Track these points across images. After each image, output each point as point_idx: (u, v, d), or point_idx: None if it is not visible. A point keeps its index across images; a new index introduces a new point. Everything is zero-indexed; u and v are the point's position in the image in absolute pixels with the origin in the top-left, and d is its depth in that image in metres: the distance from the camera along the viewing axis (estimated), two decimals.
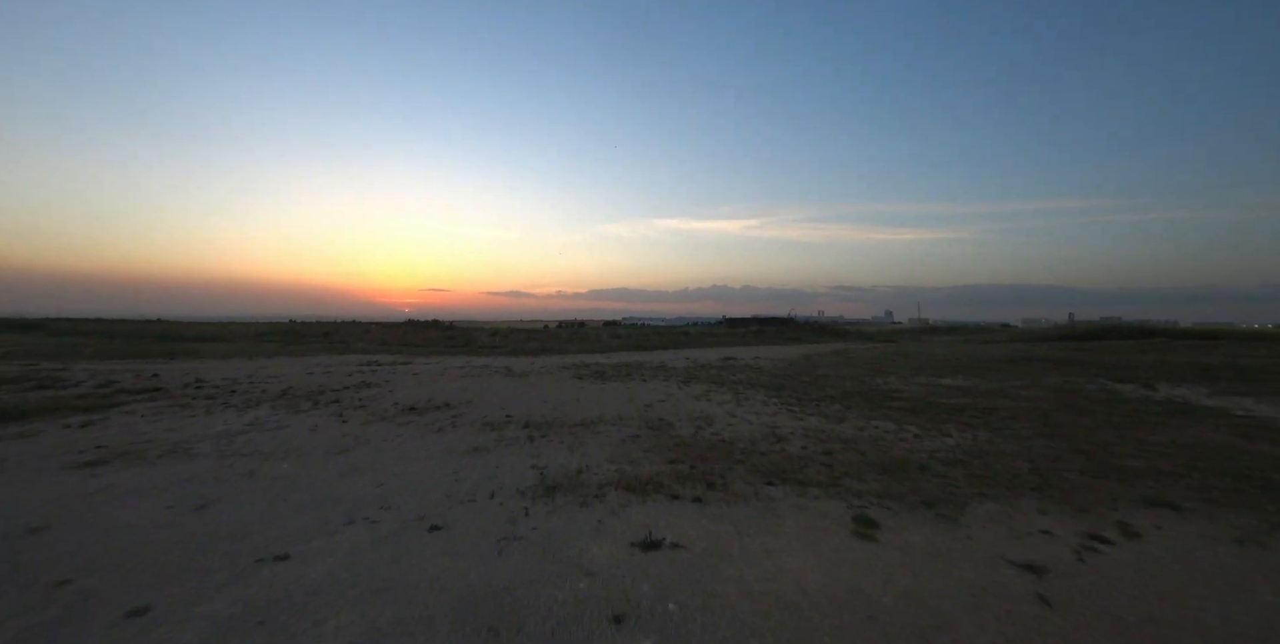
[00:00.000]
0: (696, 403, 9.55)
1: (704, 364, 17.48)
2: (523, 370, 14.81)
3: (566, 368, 15.72)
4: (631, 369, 15.56)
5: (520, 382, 12.31)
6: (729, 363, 18.15)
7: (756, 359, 20.01)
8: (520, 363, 17.56)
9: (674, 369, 15.73)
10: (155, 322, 44.88)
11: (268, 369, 14.39)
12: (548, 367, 16.25)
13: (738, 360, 19.35)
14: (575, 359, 19.50)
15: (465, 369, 15.08)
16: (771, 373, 14.83)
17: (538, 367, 16.21)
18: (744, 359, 19.94)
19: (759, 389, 11.45)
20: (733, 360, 19.31)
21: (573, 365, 16.64)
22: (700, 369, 15.79)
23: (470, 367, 15.60)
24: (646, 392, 10.99)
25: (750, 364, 17.70)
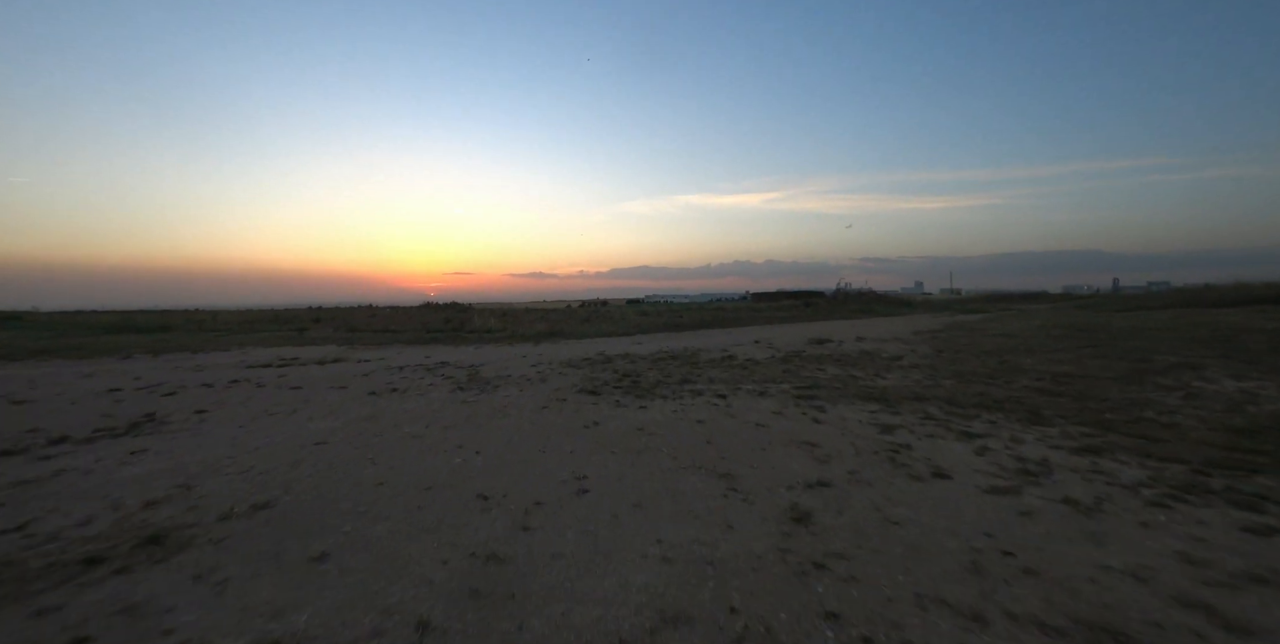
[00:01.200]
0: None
1: (791, 352, 11.09)
2: (496, 374, 8.65)
3: (575, 365, 9.53)
4: (681, 364, 9.29)
5: (464, 414, 6.08)
6: (832, 349, 11.70)
7: (861, 341, 13.49)
8: (505, 357, 11.45)
9: (752, 362, 9.39)
10: (126, 313, 40.45)
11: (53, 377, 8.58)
12: (548, 362, 10.09)
13: (834, 342, 12.91)
14: (592, 348, 13.29)
15: (394, 374, 9.01)
16: (950, 371, 8.37)
17: (531, 363, 10.06)
18: (842, 341, 13.46)
19: (1025, 423, 5.08)
20: (827, 342, 12.87)
21: (585, 359, 10.44)
22: (798, 362, 9.43)
23: (413, 369, 9.54)
24: (748, 438, 4.75)
25: (868, 350, 11.24)
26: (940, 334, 14.66)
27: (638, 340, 15.04)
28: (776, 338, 14.74)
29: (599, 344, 14.04)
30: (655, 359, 10.01)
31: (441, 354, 12.04)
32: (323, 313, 37.05)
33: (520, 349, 13.01)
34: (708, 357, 10.46)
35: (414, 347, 14.61)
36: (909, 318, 26.11)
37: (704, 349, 11.93)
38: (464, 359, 10.80)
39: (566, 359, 10.40)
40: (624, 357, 10.67)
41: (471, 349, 13.33)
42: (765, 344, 12.99)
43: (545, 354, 11.58)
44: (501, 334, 18.45)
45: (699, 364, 9.30)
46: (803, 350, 11.18)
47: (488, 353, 12.16)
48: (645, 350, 11.95)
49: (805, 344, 12.71)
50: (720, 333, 17.53)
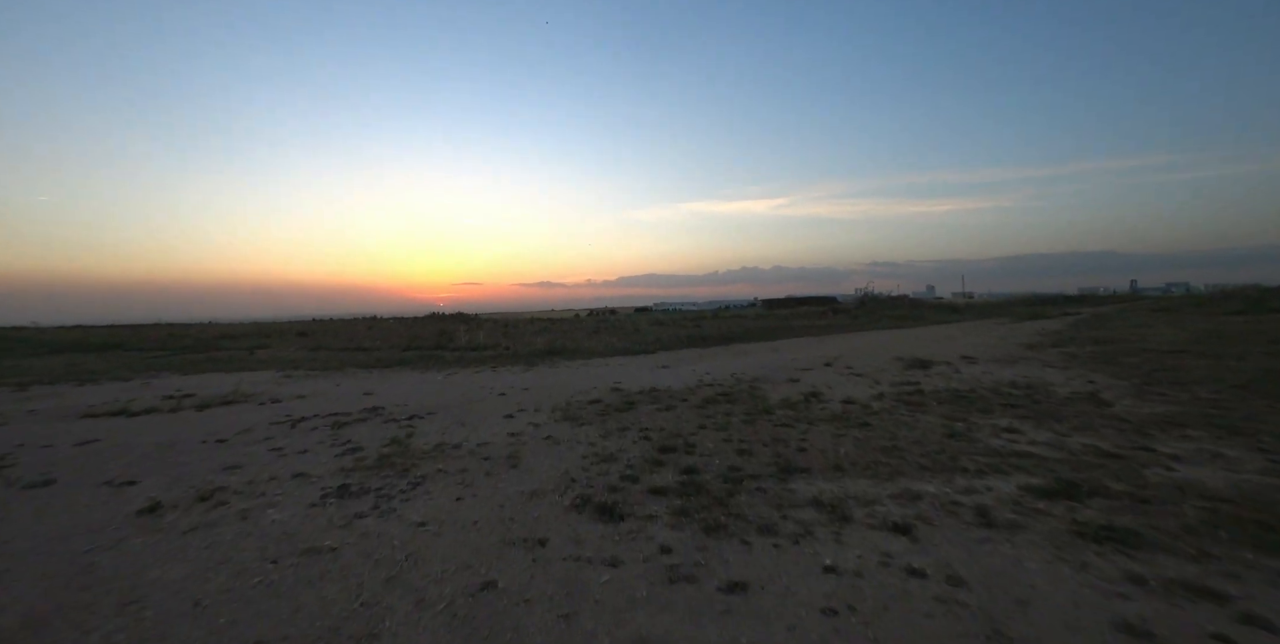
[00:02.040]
0: None
1: (903, 386, 7.50)
2: (437, 444, 5.04)
3: (575, 417, 5.96)
4: (749, 414, 5.67)
5: (283, 614, 2.48)
6: (959, 380, 8.11)
7: (973, 362, 9.82)
8: (476, 396, 7.93)
9: (864, 411, 5.79)
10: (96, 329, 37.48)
11: None
12: (535, 408, 6.52)
13: (943, 365, 9.25)
14: (602, 375, 9.75)
15: (269, 439, 5.49)
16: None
17: (507, 411, 6.48)
18: (949, 362, 9.80)
19: None
20: (932, 365, 9.21)
21: (593, 403, 6.85)
22: (939, 407, 5.81)
23: (315, 423, 6.04)
24: None
25: (1021, 381, 7.61)
26: (1078, 348, 10.91)
27: (661, 362, 11.46)
28: (847, 357, 11.09)
29: (611, 368, 10.48)
30: (702, 403, 6.40)
31: (392, 387, 8.53)
32: (316, 326, 33.94)
33: (505, 378, 9.48)
34: (779, 395, 6.86)
35: (374, 372, 11.15)
36: (971, 326, 22.30)
37: (763, 379, 8.33)
38: (412, 401, 7.27)
39: (565, 401, 6.83)
40: (649, 395, 7.09)
41: (440, 379, 9.82)
42: (843, 368, 9.36)
43: (536, 389, 8.02)
44: (490, 352, 14.95)
45: (777, 414, 5.70)
46: (917, 384, 7.53)
47: (458, 386, 8.63)
48: (678, 380, 8.38)
49: (901, 368, 9.06)
50: (762, 350, 13.90)
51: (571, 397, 7.18)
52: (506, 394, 7.61)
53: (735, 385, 7.74)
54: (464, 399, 7.29)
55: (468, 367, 11.94)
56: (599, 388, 7.88)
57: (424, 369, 11.57)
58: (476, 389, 8.21)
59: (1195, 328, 14.26)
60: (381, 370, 11.47)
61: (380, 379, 9.91)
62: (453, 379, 9.67)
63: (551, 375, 9.70)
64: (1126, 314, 24.87)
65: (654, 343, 16.10)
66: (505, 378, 9.58)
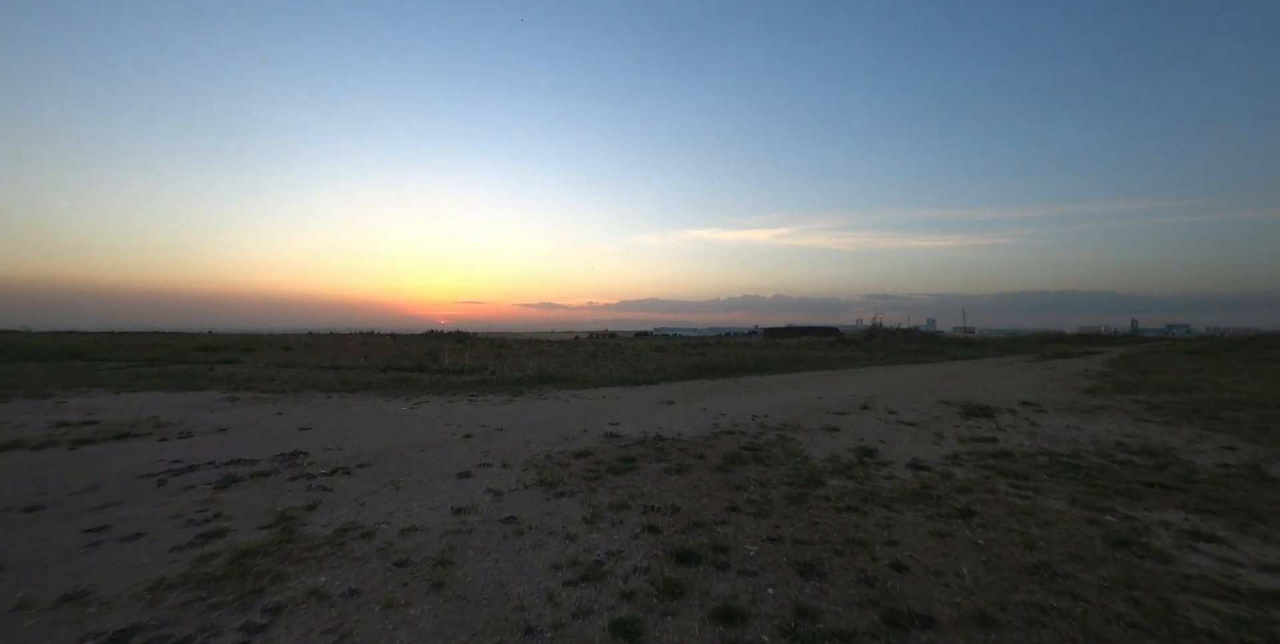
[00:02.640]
0: None
1: (976, 444, 5.94)
2: (346, 524, 3.50)
3: (550, 481, 4.39)
4: (793, 483, 4.10)
5: None
6: (1043, 440, 6.54)
7: (1039, 410, 8.26)
8: (439, 437, 6.38)
9: (952, 490, 4.19)
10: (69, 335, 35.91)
11: None
12: (503, 462, 4.95)
13: (1005, 414, 7.68)
14: (597, 413, 8.20)
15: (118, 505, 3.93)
16: None
17: (465, 466, 4.91)
18: (1013, 411, 8.24)
19: None
20: (993, 414, 7.64)
21: (581, 454, 5.28)
22: (1056, 483, 4.22)
23: (208, 474, 4.50)
24: None
25: (1135, 445, 6.04)
26: (1151, 396, 9.29)
27: (665, 395, 9.89)
28: (884, 398, 9.50)
29: (607, 402, 8.91)
30: (724, 463, 4.81)
31: (340, 420, 6.96)
32: (306, 340, 32.41)
33: (482, 412, 7.91)
34: (821, 451, 5.29)
35: (333, 397, 9.59)
36: (997, 364, 20.71)
37: (793, 425, 6.75)
38: (350, 442, 5.69)
39: (545, 452, 5.26)
40: (654, 446, 5.52)
41: (405, 409, 8.25)
42: (885, 412, 7.79)
43: (513, 430, 6.45)
44: (474, 376, 13.38)
45: (831, 485, 4.13)
46: (993, 439, 5.95)
47: (420, 421, 7.05)
48: (688, 423, 6.80)
49: (958, 416, 7.49)
50: (779, 385, 12.32)
51: (555, 444, 5.61)
52: (474, 437, 6.03)
53: (761, 434, 6.17)
54: (417, 442, 5.72)
55: (444, 393, 10.38)
56: (590, 431, 6.31)
57: (392, 395, 10.01)
58: (440, 427, 6.64)
59: (1268, 375, 12.69)
60: (343, 395, 9.90)
61: (334, 407, 8.34)
62: (419, 410, 8.10)
63: (536, 410, 8.13)
64: (1161, 356, 23.31)
65: (656, 371, 14.53)
66: (482, 411, 8.01)
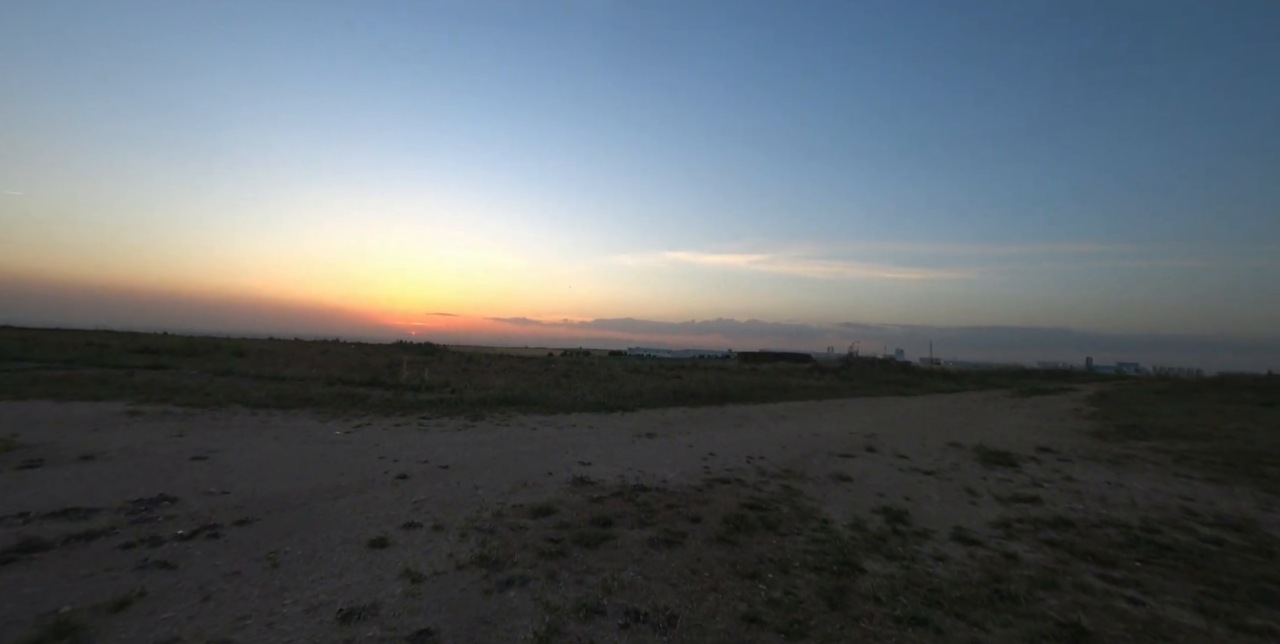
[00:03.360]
0: None
1: (1019, 507, 5.00)
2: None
3: (496, 562, 3.26)
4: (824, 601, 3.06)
5: None
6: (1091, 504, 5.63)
7: (1058, 457, 7.44)
8: (361, 478, 5.14)
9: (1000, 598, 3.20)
10: None
11: None
12: (435, 526, 3.80)
13: (1028, 462, 6.83)
14: (565, 448, 7.08)
15: None
16: None
17: (380, 528, 3.74)
18: (1035, 459, 7.39)
19: None
20: (1011, 460, 6.76)
21: (540, 511, 4.16)
22: None
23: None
24: None
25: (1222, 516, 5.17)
26: (1166, 442, 8.54)
27: (645, 426, 8.79)
28: (884, 436, 8.58)
29: (579, 432, 7.77)
30: (727, 530, 3.71)
31: (250, 447, 5.65)
32: (264, 345, 30.23)
33: (428, 441, 6.67)
34: (840, 512, 4.29)
35: (259, 413, 8.21)
36: (982, 398, 20.21)
37: (796, 472, 5.74)
38: (246, 483, 4.43)
39: (495, 506, 4.10)
40: (635, 501, 4.41)
41: (337, 435, 6.96)
42: (893, 455, 6.85)
43: (460, 470, 5.25)
44: (432, 395, 12.03)
45: (871, 573, 3.12)
46: (1035, 498, 5.04)
47: (350, 452, 5.79)
48: (674, 466, 5.73)
49: (978, 464, 6.59)
50: (766, 417, 11.35)
51: (511, 492, 4.47)
52: (410, 478, 4.83)
53: (762, 484, 5.14)
54: (334, 486, 4.49)
55: (393, 414, 9.09)
56: (557, 474, 5.18)
57: (331, 415, 8.67)
58: (371, 462, 5.40)
59: (1265, 421, 12.27)
60: (272, 413, 8.52)
61: (252, 429, 6.99)
62: (354, 437, 6.83)
63: (495, 440, 6.94)
64: (1135, 395, 23.25)
65: (633, 396, 13.41)
66: (430, 439, 6.79)
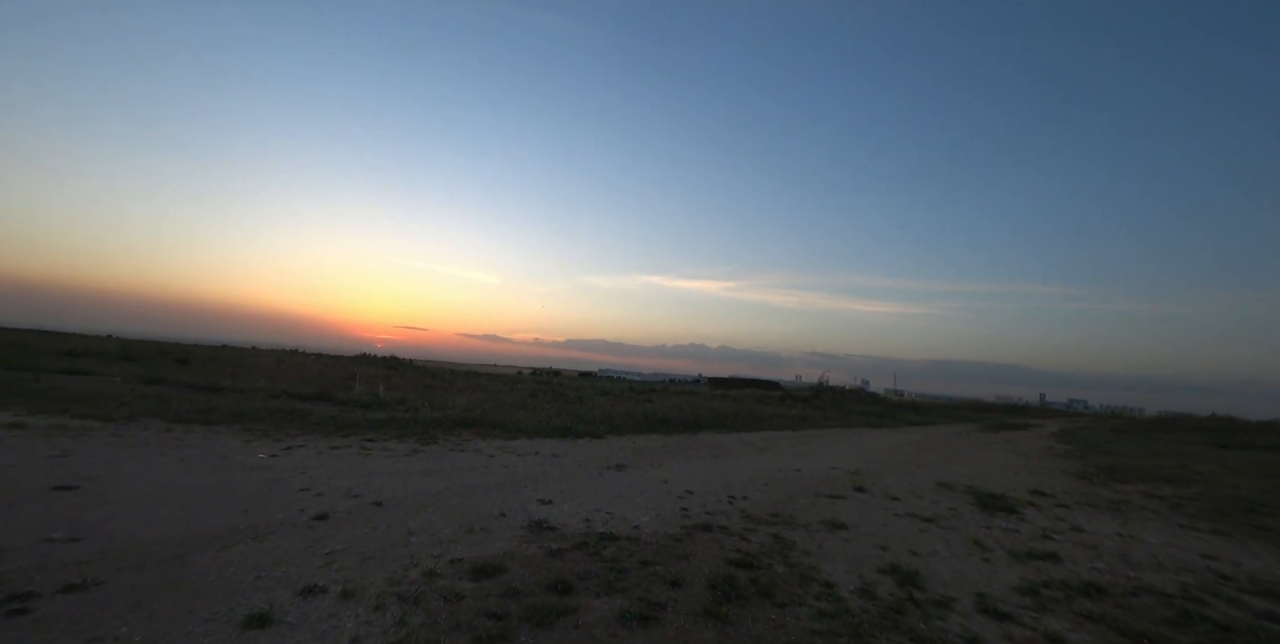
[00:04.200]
0: None
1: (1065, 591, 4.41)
2: None
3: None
4: None
5: None
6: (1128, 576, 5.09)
7: (1058, 504, 6.98)
8: (229, 521, 4.26)
9: None
10: None
11: None
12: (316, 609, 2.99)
13: (1029, 506, 6.33)
14: (523, 474, 6.27)
15: None
16: None
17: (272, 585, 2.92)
18: (1035, 505, 6.92)
19: None
20: (1009, 505, 6.26)
21: (476, 560, 3.39)
22: None
23: None
24: None
25: None
26: (1150, 486, 8.15)
27: (615, 456, 8.04)
28: (871, 474, 8.03)
29: (541, 460, 6.98)
30: (712, 601, 3.02)
31: (139, 476, 4.69)
32: (217, 352, 27.89)
33: (367, 469, 5.80)
34: (842, 572, 3.64)
35: (176, 430, 7.17)
36: (952, 433, 20.05)
37: (785, 517, 5.09)
38: (111, 528, 3.50)
39: (430, 562, 3.32)
40: (600, 556, 3.66)
41: (262, 459, 6.02)
42: (885, 497, 6.27)
43: (396, 507, 4.43)
44: (385, 413, 11.02)
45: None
46: (1054, 555, 4.49)
47: (268, 482, 4.89)
48: (648, 507, 5.02)
49: (976, 509, 6.06)
50: (744, 448, 10.72)
51: (451, 541, 3.68)
52: (330, 519, 4.00)
53: (749, 532, 4.47)
54: (228, 528, 3.63)
55: (335, 434, 8.15)
56: (510, 517, 4.40)
57: (262, 433, 7.68)
58: (289, 496, 4.53)
59: (1230, 464, 12.22)
60: (190, 429, 7.49)
61: (155, 450, 5.99)
62: (280, 461, 5.91)
63: (445, 469, 6.10)
64: (1098, 433, 23.53)
65: (603, 421, 12.63)
66: (370, 466, 5.91)
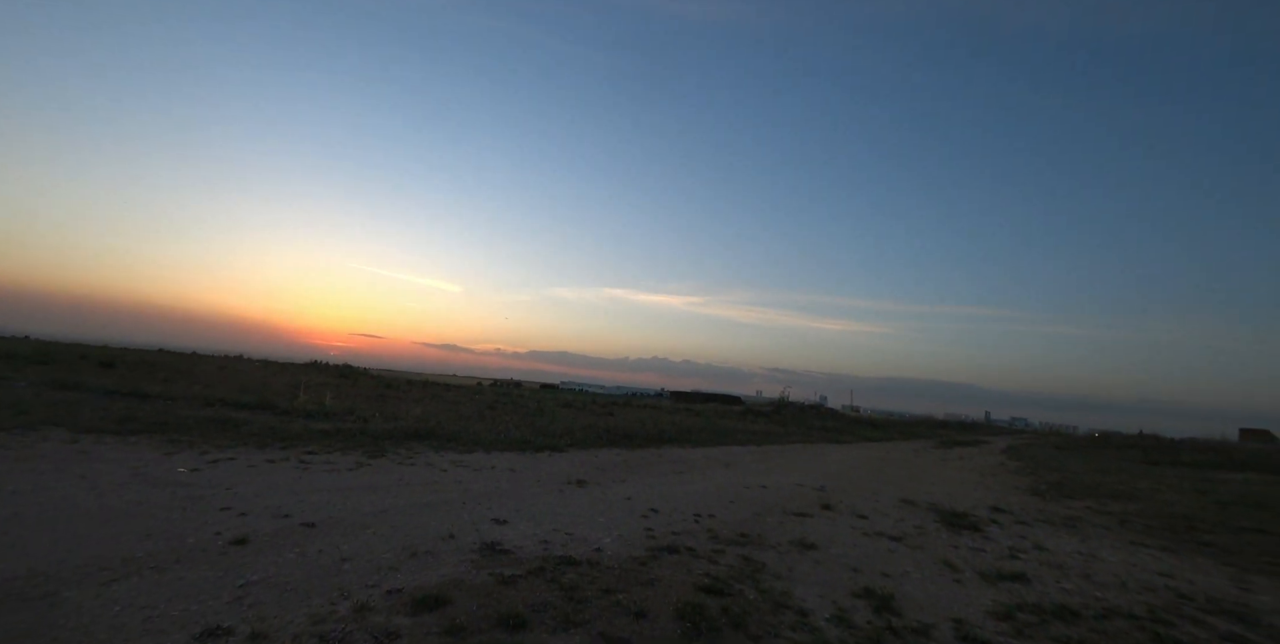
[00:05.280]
0: None
1: None
2: None
3: None
4: None
5: None
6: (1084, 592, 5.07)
7: (1015, 518, 7.04)
8: (130, 548, 3.76)
9: None
10: None
11: None
12: None
13: (990, 523, 6.34)
14: (476, 491, 5.88)
15: None
16: None
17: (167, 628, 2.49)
18: (993, 520, 6.94)
19: None
20: (970, 521, 6.26)
21: (419, 590, 3.04)
22: None
23: None
24: None
25: None
26: (1096, 503, 8.39)
27: (576, 471, 7.70)
28: (836, 490, 7.95)
29: (496, 475, 6.59)
30: (682, 635, 2.80)
31: (31, 493, 4.08)
32: (151, 357, 24.99)
33: (313, 479, 5.29)
34: (812, 587, 3.45)
35: (83, 440, 6.42)
36: (912, 450, 20.48)
37: (753, 537, 4.88)
38: None
39: (364, 591, 2.95)
40: (560, 579, 3.36)
41: (183, 471, 5.41)
42: (852, 515, 6.16)
43: (329, 529, 4.00)
44: (330, 423, 10.31)
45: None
46: (1024, 580, 4.40)
47: (192, 494, 4.34)
48: (609, 528, 4.72)
49: (940, 527, 6.01)
50: (708, 463, 10.54)
51: (390, 570, 3.29)
52: (250, 543, 3.54)
53: (717, 555, 4.23)
54: (124, 557, 3.14)
55: (271, 446, 7.52)
56: (460, 539, 4.03)
57: (188, 444, 7.00)
58: (206, 516, 4.02)
59: (1163, 481, 12.82)
60: (102, 439, 6.74)
61: (57, 463, 5.31)
62: (203, 476, 5.33)
63: (390, 484, 5.64)
64: (1042, 450, 24.52)
65: (563, 434, 12.22)
66: (309, 481, 5.40)
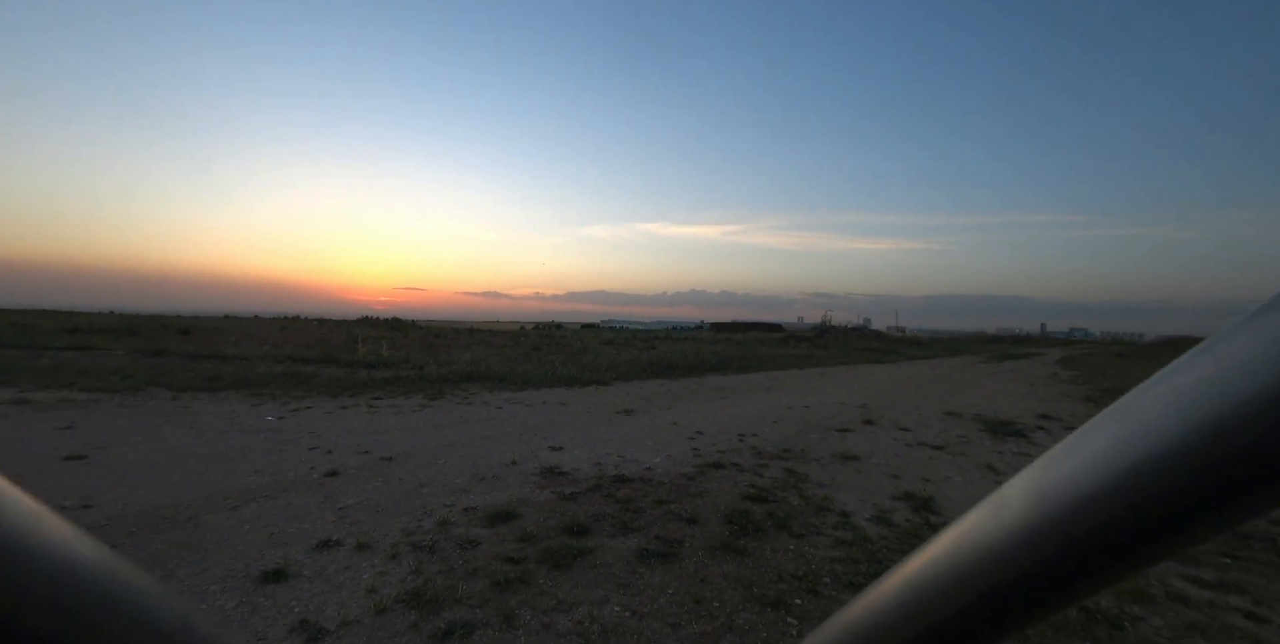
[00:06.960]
0: None
1: None
2: None
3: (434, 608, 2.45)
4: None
5: None
6: None
7: None
8: (244, 482, 4.24)
9: None
10: None
11: None
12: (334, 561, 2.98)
13: (1036, 432, 6.40)
14: (532, 424, 6.30)
15: None
16: None
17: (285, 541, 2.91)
18: (1043, 429, 6.98)
19: None
20: (1016, 430, 6.33)
21: (490, 506, 3.39)
22: None
23: None
24: None
25: None
26: None
27: (622, 402, 8.08)
28: (878, 406, 8.10)
29: (549, 409, 7.02)
30: (730, 535, 3.03)
31: (145, 443, 4.68)
32: (221, 323, 27.71)
33: (382, 421, 5.82)
34: (853, 493, 3.65)
35: (183, 398, 7.14)
36: (959, 365, 20.22)
37: (795, 452, 5.12)
38: (117, 496, 3.48)
39: (443, 511, 3.33)
40: (615, 493, 3.69)
41: (272, 419, 6.01)
42: (894, 428, 6.32)
43: (406, 461, 4.44)
44: (389, 372, 11.05)
45: None
46: None
47: (283, 437, 4.88)
48: (658, 448, 5.04)
49: (985, 436, 6.12)
50: (749, 388, 10.79)
51: (464, 490, 3.68)
52: (341, 475, 4.00)
53: (761, 467, 4.48)
54: (241, 489, 3.62)
55: (341, 394, 8.16)
56: (521, 464, 4.41)
57: (269, 397, 7.68)
58: (299, 455, 4.53)
59: None
60: (196, 397, 7.47)
61: (165, 417, 5.98)
62: (289, 423, 5.91)
63: (454, 421, 6.12)
64: (1101, 358, 23.74)
65: (608, 369, 12.69)
66: (379, 423, 5.92)
